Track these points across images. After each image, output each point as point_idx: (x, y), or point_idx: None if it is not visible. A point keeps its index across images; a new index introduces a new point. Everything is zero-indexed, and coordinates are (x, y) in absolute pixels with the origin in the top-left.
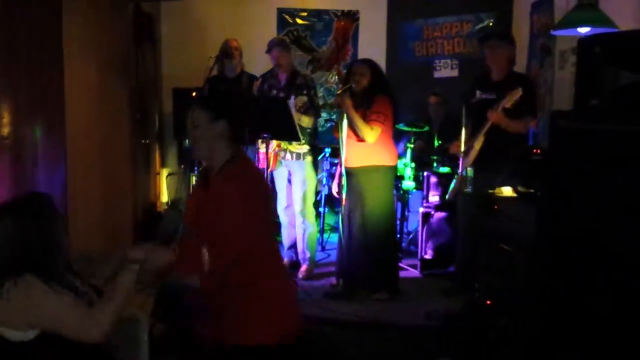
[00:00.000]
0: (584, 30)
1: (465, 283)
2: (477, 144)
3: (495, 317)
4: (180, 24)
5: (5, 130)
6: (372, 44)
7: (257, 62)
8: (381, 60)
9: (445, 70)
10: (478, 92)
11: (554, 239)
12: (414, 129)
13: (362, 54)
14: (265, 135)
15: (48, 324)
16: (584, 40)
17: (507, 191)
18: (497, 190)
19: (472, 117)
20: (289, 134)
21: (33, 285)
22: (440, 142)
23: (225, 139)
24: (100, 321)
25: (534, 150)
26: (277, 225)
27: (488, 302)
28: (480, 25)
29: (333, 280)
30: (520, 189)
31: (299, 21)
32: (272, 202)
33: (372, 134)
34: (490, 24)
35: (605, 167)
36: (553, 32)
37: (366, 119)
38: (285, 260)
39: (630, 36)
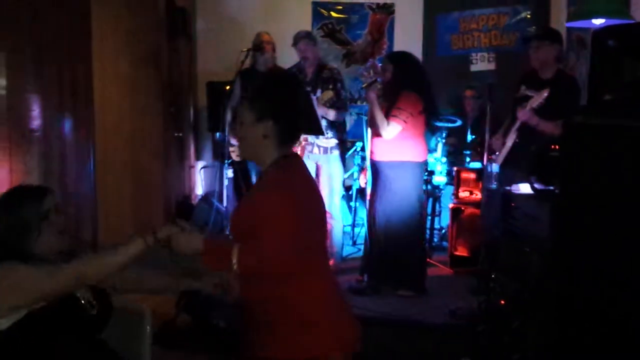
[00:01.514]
0: (598, 21)
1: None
2: (509, 141)
3: (509, 319)
4: (216, 18)
5: (35, 123)
6: (408, 37)
7: (292, 55)
8: (417, 54)
9: (482, 63)
10: (523, 88)
11: (567, 239)
12: (445, 124)
13: (398, 47)
14: None
15: (30, 298)
16: (598, 32)
17: (524, 188)
18: (514, 187)
19: (512, 112)
20: (312, 128)
21: (10, 266)
22: (473, 136)
23: (271, 140)
24: (67, 271)
25: (553, 146)
26: None
27: (502, 302)
28: (517, 17)
29: (359, 275)
30: (537, 186)
31: (334, 14)
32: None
33: (388, 129)
34: (528, 16)
35: (621, 164)
36: (567, 24)
37: (388, 115)
38: None
39: None
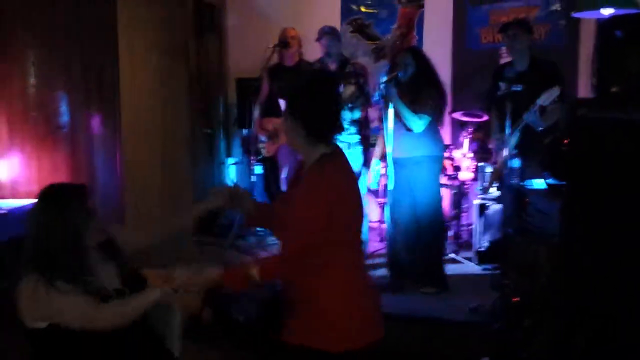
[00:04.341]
0: (606, 11)
1: None
2: (513, 140)
3: (521, 316)
4: (246, 14)
5: (62, 119)
6: (438, 31)
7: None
8: (447, 48)
9: None
10: (502, 85)
11: (576, 235)
12: (472, 119)
13: (427, 41)
14: None
15: (54, 320)
16: (604, 22)
17: (538, 184)
18: (529, 183)
19: (501, 110)
20: None
21: (38, 287)
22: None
23: (303, 137)
24: (104, 317)
25: (564, 140)
26: None
27: (514, 299)
28: (547, 10)
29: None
30: (550, 181)
31: (363, 9)
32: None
33: (420, 123)
34: (558, 8)
35: (626, 157)
36: (574, 15)
37: (413, 109)
38: None
39: None
